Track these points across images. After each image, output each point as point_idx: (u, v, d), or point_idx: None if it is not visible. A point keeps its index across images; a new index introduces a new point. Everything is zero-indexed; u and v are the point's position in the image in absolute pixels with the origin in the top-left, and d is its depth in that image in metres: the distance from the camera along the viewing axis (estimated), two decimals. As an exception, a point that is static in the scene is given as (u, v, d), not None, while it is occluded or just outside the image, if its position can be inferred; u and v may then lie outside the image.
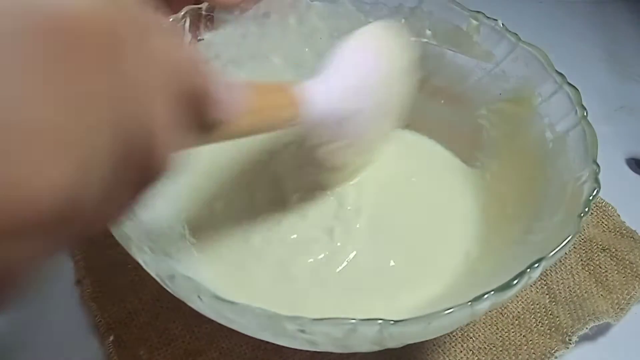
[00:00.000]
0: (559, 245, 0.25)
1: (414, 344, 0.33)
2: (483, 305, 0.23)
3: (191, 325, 0.34)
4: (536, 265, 0.24)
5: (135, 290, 0.36)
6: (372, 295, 0.32)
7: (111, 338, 0.34)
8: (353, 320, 0.22)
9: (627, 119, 0.51)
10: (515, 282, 0.24)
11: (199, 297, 0.22)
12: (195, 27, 0.36)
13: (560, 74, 0.33)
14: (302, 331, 0.22)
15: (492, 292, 0.23)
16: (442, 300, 0.30)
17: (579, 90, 0.32)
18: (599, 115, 0.49)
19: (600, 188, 0.28)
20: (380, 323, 0.22)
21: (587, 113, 0.31)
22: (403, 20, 0.39)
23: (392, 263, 0.33)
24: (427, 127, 0.40)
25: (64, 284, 0.37)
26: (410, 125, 0.41)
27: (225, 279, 0.32)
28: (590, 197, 0.27)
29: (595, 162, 0.29)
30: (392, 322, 0.22)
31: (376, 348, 0.25)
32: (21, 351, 0.34)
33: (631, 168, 0.47)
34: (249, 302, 0.23)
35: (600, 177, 0.28)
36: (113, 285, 0.36)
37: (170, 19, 0.34)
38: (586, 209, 0.27)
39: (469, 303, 0.23)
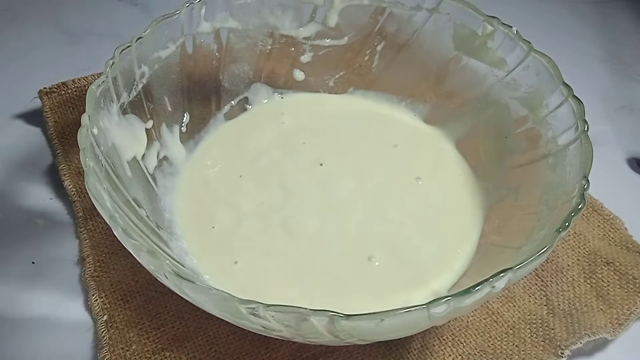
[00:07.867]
0: (527, 259, 0.27)
1: (402, 344, 0.35)
2: (439, 310, 0.25)
3: (182, 311, 0.37)
4: (501, 275, 0.26)
5: (133, 273, 0.39)
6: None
7: (105, 318, 0.36)
8: (304, 310, 0.24)
9: (627, 118, 0.52)
10: (475, 289, 0.26)
11: (164, 274, 0.25)
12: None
13: (567, 86, 0.34)
14: (256, 315, 0.25)
15: (450, 297, 0.25)
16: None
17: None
18: (599, 115, 0.51)
19: (585, 204, 0.29)
20: (331, 315, 0.24)
21: (587, 127, 0.32)
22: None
23: (376, 263, 0.36)
24: (445, 127, 0.43)
25: (66, 261, 0.40)
26: (429, 121, 0.44)
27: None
28: (573, 213, 0.28)
29: (585, 177, 0.30)
30: (342, 315, 0.24)
31: (337, 341, 0.27)
32: (13, 327, 0.37)
33: (632, 168, 0.48)
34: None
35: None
36: (114, 266, 0.39)
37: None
38: (566, 224, 0.28)
39: (425, 306, 0.25)
